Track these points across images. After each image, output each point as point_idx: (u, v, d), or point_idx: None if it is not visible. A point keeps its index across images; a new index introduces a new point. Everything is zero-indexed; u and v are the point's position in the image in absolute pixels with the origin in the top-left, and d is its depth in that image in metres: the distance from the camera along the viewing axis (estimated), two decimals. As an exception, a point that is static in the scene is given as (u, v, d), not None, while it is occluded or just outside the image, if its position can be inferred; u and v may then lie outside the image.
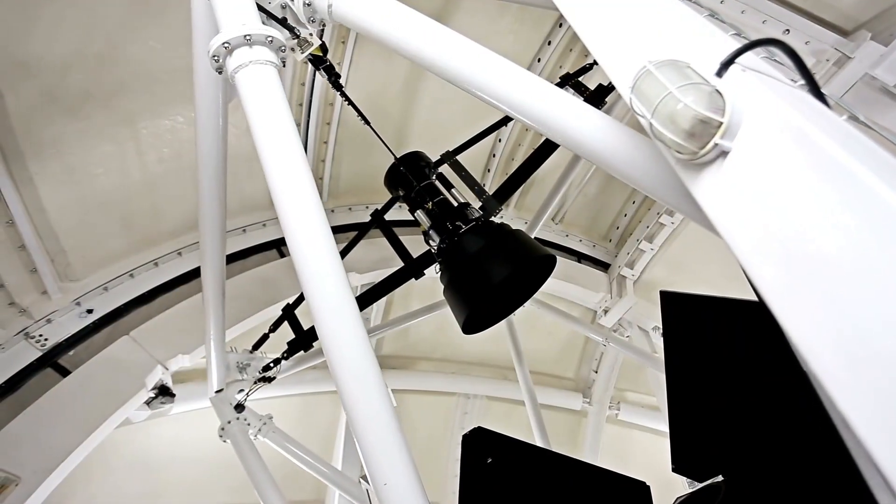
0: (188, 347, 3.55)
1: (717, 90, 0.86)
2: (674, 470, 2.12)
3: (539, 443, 4.50)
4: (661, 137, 0.90)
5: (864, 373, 0.54)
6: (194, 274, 3.88)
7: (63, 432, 2.96)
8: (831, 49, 3.56)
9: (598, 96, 3.45)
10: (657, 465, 2.20)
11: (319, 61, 2.34)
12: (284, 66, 1.80)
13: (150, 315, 3.63)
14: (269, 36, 1.70)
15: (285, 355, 3.37)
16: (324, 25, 2.04)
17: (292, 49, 1.98)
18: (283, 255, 4.36)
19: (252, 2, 1.82)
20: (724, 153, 0.83)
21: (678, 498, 2.15)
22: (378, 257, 3.11)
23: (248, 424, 3.36)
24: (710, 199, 0.84)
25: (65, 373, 3.25)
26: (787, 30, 3.53)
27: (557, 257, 2.54)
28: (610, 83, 3.58)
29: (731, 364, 2.05)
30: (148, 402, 3.53)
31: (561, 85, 3.47)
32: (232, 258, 4.06)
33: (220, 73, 1.76)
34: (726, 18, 2.01)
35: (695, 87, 0.87)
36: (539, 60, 4.52)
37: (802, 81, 0.95)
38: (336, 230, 4.69)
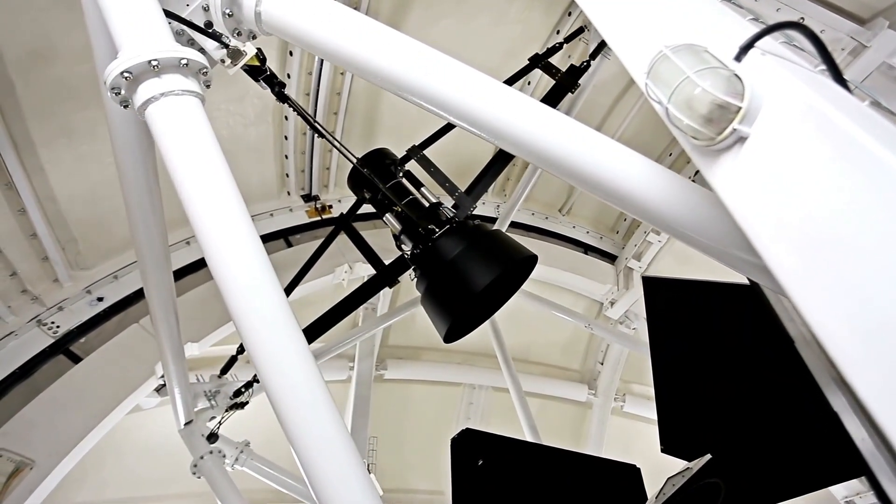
0: (197, 335, 3.59)
1: (736, 74, 0.84)
2: (663, 450, 2.15)
3: (528, 436, 4.53)
4: (678, 123, 0.89)
5: (881, 354, 0.54)
6: (203, 263, 3.91)
7: (75, 417, 3.02)
8: (847, 38, 3.49)
9: (571, 78, 3.34)
10: (662, 457, 2.21)
11: (258, 72, 2.05)
12: (209, 87, 1.45)
13: (159, 303, 3.66)
14: (184, 58, 1.35)
15: (257, 378, 3.20)
16: (254, 37, 1.67)
17: (222, 61, 1.64)
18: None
19: (158, 10, 1.44)
20: (741, 139, 0.81)
21: (670, 478, 2.17)
22: (389, 245, 3.09)
23: (224, 456, 3.12)
24: (726, 186, 0.83)
25: (76, 359, 3.29)
26: (802, 17, 3.46)
27: (565, 249, 2.51)
28: (583, 63, 3.46)
29: (714, 344, 2.08)
30: (158, 390, 3.57)
31: (531, 67, 3.33)
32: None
33: (125, 107, 1.39)
34: (742, 5, 1.97)
35: (713, 71, 0.85)
36: (548, 49, 4.46)
37: (823, 66, 0.93)
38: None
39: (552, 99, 3.36)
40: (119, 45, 1.35)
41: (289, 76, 3.95)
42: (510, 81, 3.25)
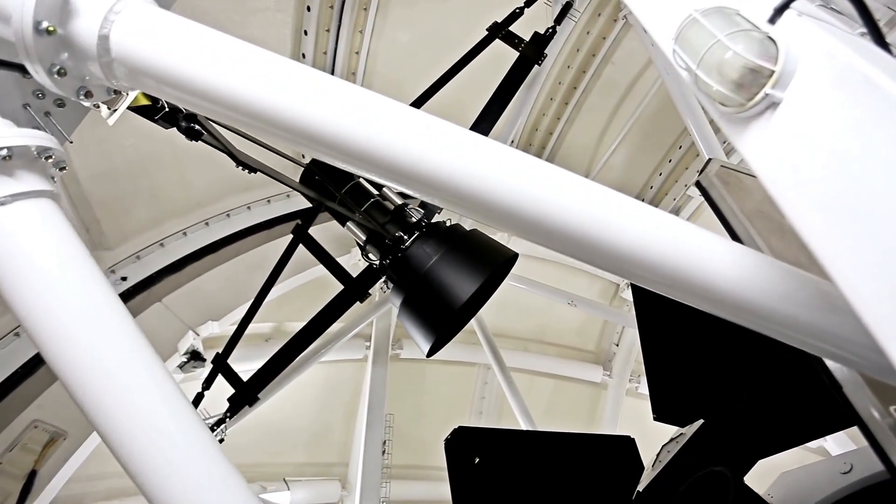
0: (217, 314, 3.67)
1: (770, 37, 0.80)
2: (655, 419, 2.16)
3: (522, 422, 4.56)
4: (706, 89, 0.86)
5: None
6: (222, 243, 3.98)
7: (104, 392, 3.13)
8: (884, 7, 3.31)
9: (537, 46, 3.05)
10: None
11: (152, 111, 1.72)
12: (65, 169, 1.08)
13: (179, 283, 3.74)
14: (3, 148, 0.89)
15: (229, 414, 2.93)
16: (117, 92, 1.23)
17: (96, 106, 1.26)
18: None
19: None
20: (774, 104, 0.78)
21: (664, 445, 2.18)
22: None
23: None
24: (757, 153, 0.81)
25: (103, 337, 3.40)
26: (836, -15, 3.30)
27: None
28: (547, 30, 3.15)
29: (698, 312, 2.08)
30: (181, 367, 3.68)
31: (490, 37, 3.05)
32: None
33: None
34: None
35: (745, 34, 0.82)
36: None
37: (863, 30, 0.88)
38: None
39: (517, 73, 3.06)
40: None
41: (304, 56, 3.93)
42: (469, 57, 2.96)
